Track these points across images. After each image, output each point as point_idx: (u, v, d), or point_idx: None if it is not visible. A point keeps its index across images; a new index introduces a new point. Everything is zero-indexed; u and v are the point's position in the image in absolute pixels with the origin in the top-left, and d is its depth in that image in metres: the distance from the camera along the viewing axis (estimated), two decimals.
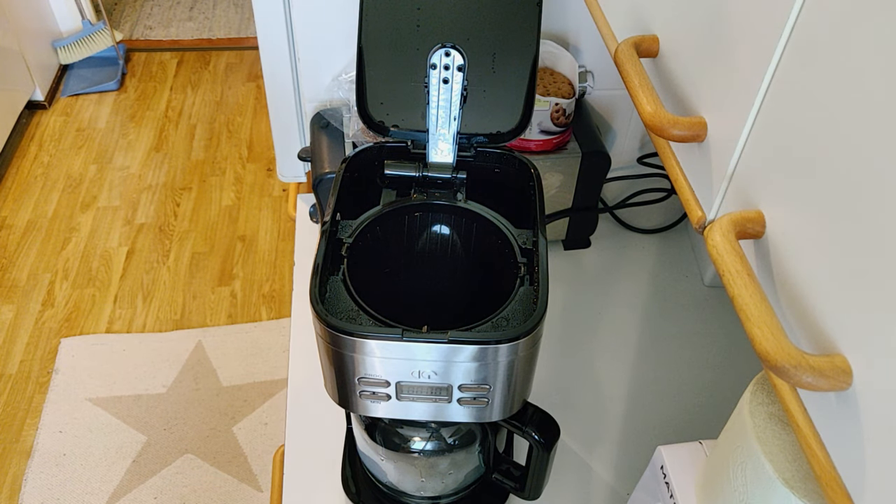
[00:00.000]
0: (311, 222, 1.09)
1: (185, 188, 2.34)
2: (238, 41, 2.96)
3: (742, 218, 0.37)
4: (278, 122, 1.12)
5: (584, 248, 1.06)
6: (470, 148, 0.66)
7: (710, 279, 1.01)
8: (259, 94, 2.72)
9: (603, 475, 0.81)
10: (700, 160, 0.44)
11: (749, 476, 0.51)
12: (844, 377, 0.30)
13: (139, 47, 2.92)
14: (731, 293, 0.33)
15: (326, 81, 1.00)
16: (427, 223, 0.67)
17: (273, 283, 2.06)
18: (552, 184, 0.96)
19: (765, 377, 0.55)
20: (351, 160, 0.66)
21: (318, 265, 0.56)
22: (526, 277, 0.58)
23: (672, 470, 0.61)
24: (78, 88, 2.68)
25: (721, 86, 0.41)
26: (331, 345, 0.54)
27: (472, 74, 0.63)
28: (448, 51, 0.58)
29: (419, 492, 0.74)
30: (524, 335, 0.53)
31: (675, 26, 0.47)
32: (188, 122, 2.59)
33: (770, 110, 0.36)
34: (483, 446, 0.70)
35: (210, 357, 1.86)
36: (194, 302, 2.00)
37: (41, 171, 2.38)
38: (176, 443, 1.68)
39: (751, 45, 0.37)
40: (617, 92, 1.03)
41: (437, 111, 0.62)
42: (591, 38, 0.99)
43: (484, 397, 0.57)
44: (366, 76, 0.64)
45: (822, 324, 0.32)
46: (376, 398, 0.58)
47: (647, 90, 0.44)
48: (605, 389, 0.89)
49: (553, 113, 0.90)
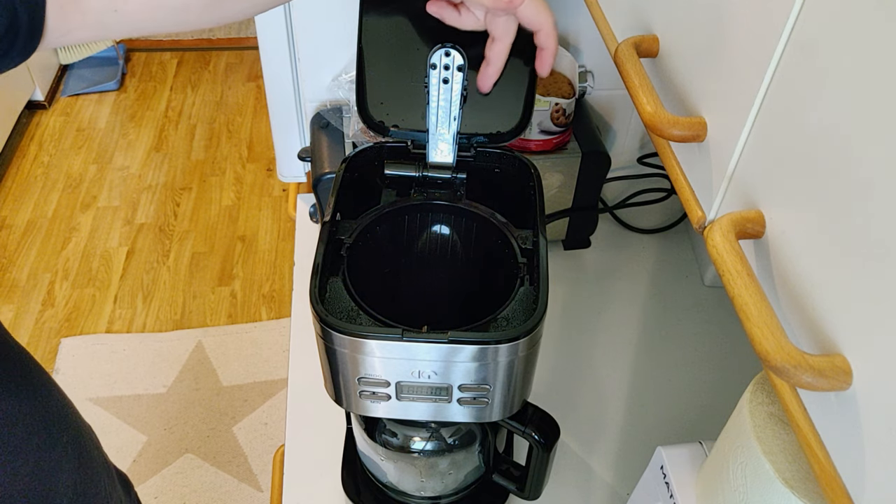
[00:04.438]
0: (311, 222, 1.09)
1: (185, 188, 2.34)
2: (238, 41, 2.96)
3: (742, 218, 0.37)
4: (278, 122, 1.12)
5: (584, 248, 1.06)
6: (470, 148, 0.66)
7: (710, 279, 1.01)
8: (259, 94, 2.72)
9: (603, 475, 0.81)
10: (700, 160, 0.44)
11: (749, 476, 0.51)
12: (844, 377, 0.30)
13: (139, 47, 2.92)
14: (731, 293, 0.33)
15: (326, 81, 1.00)
16: (427, 223, 0.67)
17: (273, 283, 2.07)
18: (552, 184, 0.96)
19: (765, 377, 0.55)
20: (351, 160, 0.66)
21: (318, 265, 0.56)
22: (526, 277, 0.58)
23: (672, 470, 0.61)
24: (78, 88, 2.68)
25: (721, 86, 0.41)
26: (331, 345, 0.54)
27: (472, 74, 0.63)
28: (448, 51, 0.58)
29: (419, 492, 0.74)
30: (524, 335, 0.53)
31: (675, 26, 0.47)
32: (188, 122, 2.59)
33: (770, 110, 0.36)
34: (483, 446, 0.70)
35: (210, 357, 1.86)
36: (194, 302, 2.00)
37: (41, 170, 2.38)
38: (176, 443, 1.68)
39: (751, 45, 0.37)
40: (617, 92, 1.03)
41: (437, 111, 0.62)
42: (591, 38, 0.99)
43: (484, 397, 0.57)
44: (366, 76, 0.64)
45: (822, 324, 0.32)
46: (376, 398, 0.58)
47: (647, 90, 0.44)
48: (605, 389, 0.89)
49: (553, 113, 0.90)
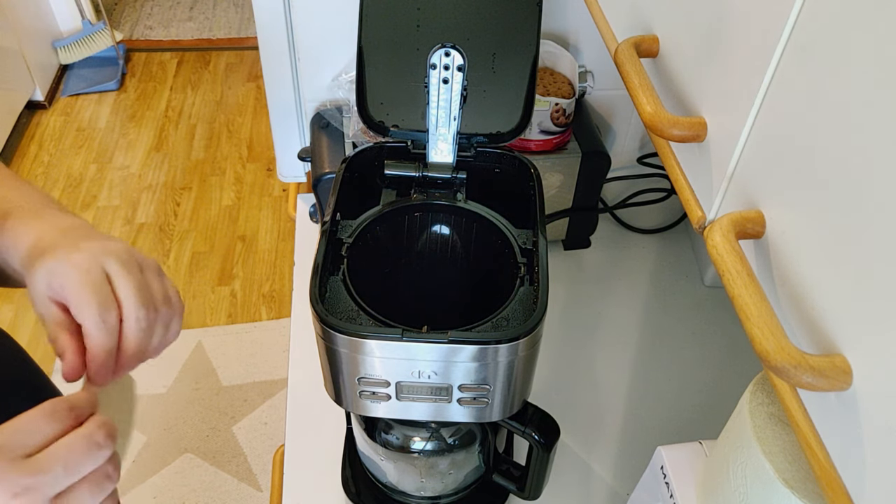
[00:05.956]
0: (311, 222, 1.09)
1: (185, 188, 2.34)
2: (238, 41, 2.96)
3: (742, 218, 0.37)
4: (278, 122, 1.12)
5: (584, 248, 1.06)
6: (470, 148, 0.66)
7: (710, 279, 1.01)
8: (259, 94, 2.72)
9: (603, 475, 0.81)
10: (700, 160, 0.44)
11: (749, 476, 0.51)
12: (844, 377, 0.30)
13: (139, 47, 2.92)
14: (731, 293, 0.33)
15: (326, 81, 1.00)
16: (427, 223, 0.67)
17: (273, 282, 2.06)
18: (552, 184, 0.96)
19: (765, 377, 0.54)
20: (351, 160, 0.66)
21: (318, 265, 0.56)
22: (526, 277, 0.58)
23: (672, 470, 0.61)
24: (78, 88, 2.68)
25: (721, 86, 0.41)
26: (331, 345, 0.54)
27: (472, 74, 0.63)
28: (448, 51, 0.58)
29: (419, 492, 0.74)
30: (524, 335, 0.53)
31: (675, 26, 0.47)
32: (188, 122, 2.59)
33: (770, 110, 0.36)
34: (483, 446, 0.70)
35: (210, 357, 1.85)
36: (194, 302, 2.00)
37: (41, 170, 2.38)
38: (176, 442, 1.68)
39: (751, 45, 0.37)
40: (617, 92, 1.03)
41: (437, 111, 0.62)
42: (591, 38, 0.99)
43: (484, 397, 0.57)
44: (366, 76, 0.64)
45: (822, 324, 0.32)
46: (376, 398, 0.58)
47: (647, 90, 0.44)
48: (605, 389, 0.89)
49: (553, 113, 0.90)
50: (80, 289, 0.44)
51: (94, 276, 0.44)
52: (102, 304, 0.44)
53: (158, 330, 0.47)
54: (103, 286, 0.45)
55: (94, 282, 0.44)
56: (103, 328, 0.44)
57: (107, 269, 0.46)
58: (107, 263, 0.46)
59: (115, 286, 0.45)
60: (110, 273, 0.46)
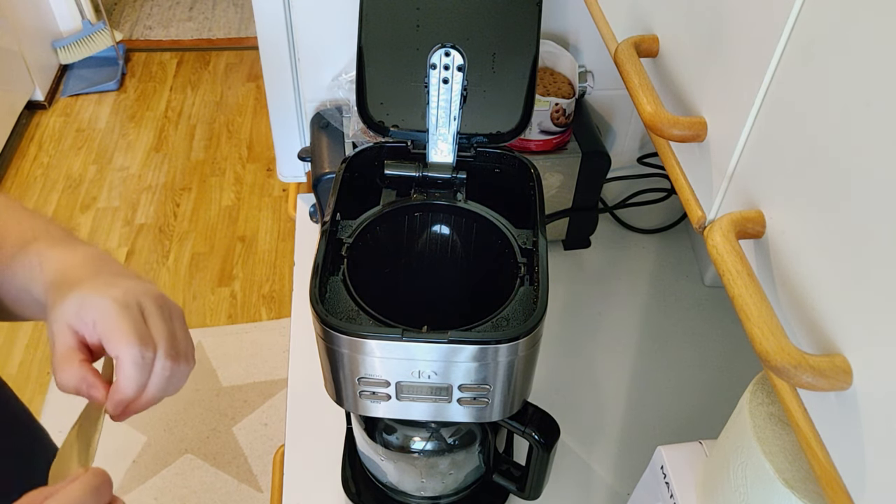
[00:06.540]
0: (311, 222, 1.09)
1: (184, 188, 2.34)
2: (238, 41, 2.96)
3: (742, 218, 0.37)
4: (278, 122, 1.12)
5: (584, 248, 1.06)
6: (470, 148, 0.66)
7: (710, 279, 1.01)
8: (259, 94, 2.72)
9: (603, 475, 0.81)
10: (700, 160, 0.44)
11: (749, 476, 0.51)
12: (844, 377, 0.30)
13: (139, 47, 2.92)
14: (731, 293, 0.33)
15: (326, 81, 1.00)
16: (427, 223, 0.67)
17: (273, 283, 2.06)
18: (552, 184, 0.96)
19: (765, 377, 0.54)
20: (351, 160, 0.66)
21: (318, 265, 0.56)
22: (526, 277, 0.58)
23: (672, 470, 0.61)
24: (78, 89, 2.68)
25: (721, 86, 0.41)
26: (331, 345, 0.54)
27: (472, 74, 0.63)
28: (448, 51, 0.58)
29: (419, 492, 0.74)
30: (524, 335, 0.53)
31: (675, 26, 0.47)
32: (188, 122, 2.59)
33: (770, 110, 0.36)
34: (483, 446, 0.70)
35: (210, 357, 1.85)
36: (194, 302, 2.00)
37: (41, 171, 2.38)
38: (176, 443, 1.68)
39: (751, 44, 0.37)
40: (617, 92, 1.03)
41: (437, 111, 0.62)
42: (591, 38, 0.99)
43: (484, 397, 0.57)
44: (366, 76, 0.64)
45: (822, 324, 0.32)
46: (376, 398, 0.58)
47: (647, 90, 0.44)
48: (605, 389, 0.89)
49: (553, 113, 0.90)
50: (119, 323, 0.44)
51: (133, 313, 0.45)
52: (142, 340, 0.44)
53: (174, 380, 0.47)
54: (142, 324, 0.45)
55: (134, 319, 0.45)
56: (141, 364, 0.44)
57: (143, 310, 0.46)
58: (144, 303, 0.46)
59: (150, 327, 0.46)
60: (146, 314, 0.46)
